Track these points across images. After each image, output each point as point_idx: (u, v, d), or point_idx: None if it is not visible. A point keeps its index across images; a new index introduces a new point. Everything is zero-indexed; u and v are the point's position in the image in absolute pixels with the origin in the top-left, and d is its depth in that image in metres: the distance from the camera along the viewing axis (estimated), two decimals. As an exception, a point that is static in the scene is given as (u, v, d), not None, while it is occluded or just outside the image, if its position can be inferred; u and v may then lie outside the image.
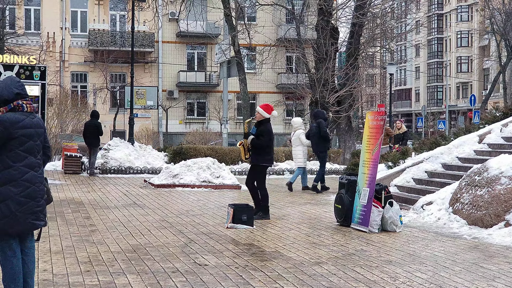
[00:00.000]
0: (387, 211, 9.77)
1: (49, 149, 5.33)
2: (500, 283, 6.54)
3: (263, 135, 10.73)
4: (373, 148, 9.99)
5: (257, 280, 6.47)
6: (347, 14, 30.80)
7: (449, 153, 13.94)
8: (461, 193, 10.55)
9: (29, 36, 39.72)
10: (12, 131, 4.89)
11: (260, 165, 10.88)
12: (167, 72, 42.73)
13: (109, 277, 6.45)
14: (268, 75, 40.26)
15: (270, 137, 10.79)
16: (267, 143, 10.74)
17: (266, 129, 10.78)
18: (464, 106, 66.26)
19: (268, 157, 10.88)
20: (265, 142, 10.70)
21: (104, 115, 39.20)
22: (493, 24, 50.52)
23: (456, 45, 71.24)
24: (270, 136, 10.81)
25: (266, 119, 10.89)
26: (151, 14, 31.57)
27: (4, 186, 4.87)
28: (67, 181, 17.16)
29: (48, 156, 5.31)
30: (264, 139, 10.71)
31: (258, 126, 10.91)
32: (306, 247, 8.30)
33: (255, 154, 10.80)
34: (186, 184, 15.85)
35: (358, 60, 28.42)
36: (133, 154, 20.75)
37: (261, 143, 10.70)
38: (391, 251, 8.17)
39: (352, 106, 28.24)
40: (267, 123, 10.89)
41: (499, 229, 9.43)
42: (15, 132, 4.91)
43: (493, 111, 16.64)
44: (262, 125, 10.85)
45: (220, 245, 8.39)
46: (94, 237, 8.78)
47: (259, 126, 10.88)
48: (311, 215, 11.60)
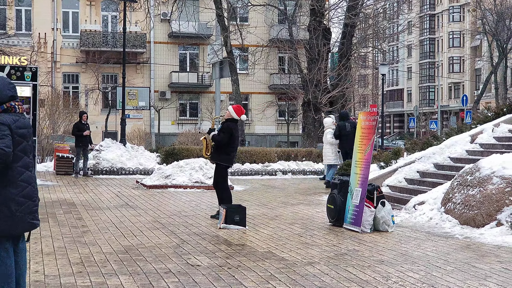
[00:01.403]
0: (379, 211, 9.79)
1: (34, 149, 5.35)
2: (491, 282, 6.56)
3: (224, 132, 10.72)
4: (365, 148, 10.01)
5: (250, 280, 6.46)
6: (339, 15, 30.92)
7: (441, 153, 13.97)
8: (453, 193, 10.57)
9: (20, 37, 39.56)
10: (13, 132, 4.89)
11: (220, 164, 10.86)
12: (159, 73, 42.64)
13: (101, 278, 6.43)
14: (260, 75, 40.24)
15: (230, 136, 10.69)
16: (226, 141, 10.66)
17: (228, 127, 10.76)
18: (456, 106, 66.44)
19: (227, 156, 10.79)
20: (223, 138, 10.65)
21: (96, 116, 39.18)
22: (484, 24, 50.70)
23: (448, 46, 71.42)
24: (231, 135, 10.71)
25: (233, 120, 10.87)
26: (143, 15, 31.54)
27: (5, 188, 4.85)
28: (59, 182, 17.10)
29: (34, 155, 5.29)
30: (224, 136, 10.67)
31: (223, 123, 10.94)
32: (298, 247, 8.30)
33: (214, 152, 10.81)
34: (178, 185, 15.84)
35: (350, 60, 28.52)
36: (125, 155, 20.72)
37: (219, 139, 10.67)
38: (384, 251, 8.18)
39: (344, 106, 28.32)
40: (233, 123, 10.85)
41: (491, 229, 9.46)
42: (15, 132, 4.90)
43: (485, 111, 16.67)
44: (226, 123, 10.85)
45: (213, 245, 8.38)
46: (86, 238, 8.75)
47: (224, 123, 10.90)
48: (304, 215, 11.61)
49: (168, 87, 42.94)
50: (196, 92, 44.01)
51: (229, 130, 10.69)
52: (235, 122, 10.89)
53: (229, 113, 10.89)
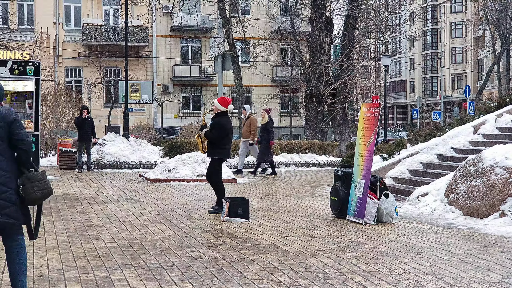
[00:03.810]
0: (383, 202, 9.78)
1: (21, 142, 5.05)
2: (495, 272, 6.56)
3: (215, 128, 10.76)
4: (368, 140, 10.00)
5: (253, 273, 6.47)
6: (341, 6, 30.83)
7: (444, 144, 13.96)
8: (456, 184, 10.56)
9: (23, 32, 39.56)
10: None
11: (214, 158, 10.89)
12: (161, 66, 42.62)
13: (105, 272, 6.44)
14: (262, 68, 40.21)
15: (221, 131, 10.74)
16: (218, 135, 10.71)
17: (218, 123, 10.79)
18: (459, 97, 66.33)
19: (221, 150, 10.83)
20: (214, 135, 10.70)
21: (99, 110, 39.20)
22: (487, 14, 50.54)
23: (450, 36, 71.22)
24: (222, 129, 10.75)
25: (223, 112, 10.88)
26: (144, 8, 31.46)
27: None
28: (62, 177, 17.13)
29: (22, 149, 5.06)
30: (214, 132, 10.72)
31: (214, 119, 10.95)
32: (302, 240, 8.31)
33: (209, 147, 10.87)
34: (181, 178, 15.84)
35: (352, 52, 28.45)
36: (128, 149, 20.73)
37: (212, 136, 10.72)
38: (387, 243, 8.18)
39: (347, 98, 28.30)
40: (223, 117, 10.86)
41: (494, 219, 9.46)
42: None
43: (487, 101, 16.65)
44: (216, 118, 10.88)
45: (216, 238, 8.39)
46: (90, 232, 8.77)
47: (214, 119, 10.91)
48: (307, 207, 11.61)
49: (171, 80, 42.94)
50: (198, 85, 44.00)
51: (220, 125, 10.74)
52: (225, 114, 10.91)
53: (216, 108, 10.91)
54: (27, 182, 5.04)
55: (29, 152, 5.11)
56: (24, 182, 5.04)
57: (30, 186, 5.05)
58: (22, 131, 5.08)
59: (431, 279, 6.29)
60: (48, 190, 5.15)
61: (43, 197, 5.13)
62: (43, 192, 5.10)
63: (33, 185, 5.06)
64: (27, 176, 5.07)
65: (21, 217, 5.08)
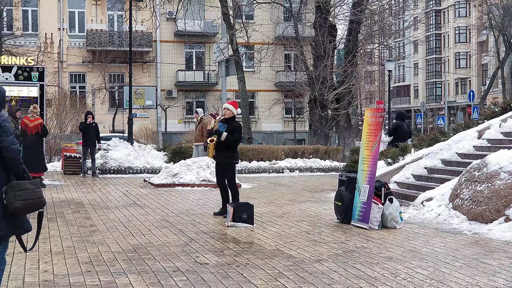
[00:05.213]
0: (387, 207, 9.77)
1: (5, 150, 4.80)
2: (500, 278, 6.55)
3: (237, 131, 10.78)
4: (372, 145, 10.00)
5: (258, 278, 6.47)
6: (344, 11, 30.83)
7: (449, 149, 13.94)
8: (461, 188, 10.55)
9: (27, 37, 39.72)
10: None
11: (232, 162, 10.90)
12: (165, 72, 42.71)
13: (110, 277, 6.45)
14: (266, 73, 40.25)
15: (240, 134, 10.90)
16: (239, 139, 10.85)
17: (239, 125, 10.90)
18: (463, 102, 66.25)
19: (237, 154, 11.01)
20: (237, 138, 10.77)
21: (103, 115, 39.30)
22: (491, 19, 50.47)
23: (454, 41, 71.20)
24: (241, 132, 10.96)
25: (234, 116, 10.95)
26: (148, 14, 31.58)
27: None
28: (66, 182, 17.15)
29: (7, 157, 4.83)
30: (237, 136, 10.77)
31: (227, 122, 10.86)
32: (306, 245, 8.30)
33: (227, 152, 10.76)
34: (186, 183, 15.86)
35: (356, 57, 28.43)
36: (132, 154, 20.75)
37: (236, 139, 10.75)
38: (392, 248, 8.17)
39: (351, 103, 28.27)
40: (236, 120, 10.95)
41: (499, 224, 9.44)
42: None
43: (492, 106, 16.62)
44: (233, 122, 10.86)
45: (221, 243, 8.39)
46: (95, 237, 8.78)
47: (229, 122, 10.86)
48: (311, 212, 11.61)
49: (175, 85, 43.01)
50: (202, 90, 44.06)
51: (241, 128, 10.93)
52: (235, 117, 10.99)
53: (230, 111, 10.90)
54: (10, 191, 4.76)
55: (15, 160, 4.85)
56: (7, 190, 4.77)
57: (12, 195, 4.74)
58: (8, 138, 4.83)
59: (436, 284, 6.28)
60: (35, 200, 4.82)
61: (27, 207, 4.80)
62: (26, 202, 4.77)
63: (15, 194, 4.75)
64: (11, 184, 4.79)
65: (4, 227, 4.81)
